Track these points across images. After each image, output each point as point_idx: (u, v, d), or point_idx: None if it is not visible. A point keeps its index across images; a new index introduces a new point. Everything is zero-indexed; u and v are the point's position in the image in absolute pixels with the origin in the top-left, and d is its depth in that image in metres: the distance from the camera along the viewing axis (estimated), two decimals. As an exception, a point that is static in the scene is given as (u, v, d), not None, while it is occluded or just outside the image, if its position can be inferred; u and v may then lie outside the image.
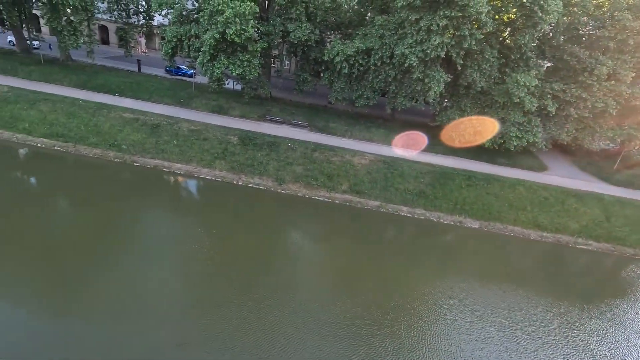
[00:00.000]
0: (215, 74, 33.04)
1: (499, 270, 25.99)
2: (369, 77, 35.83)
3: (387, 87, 36.66)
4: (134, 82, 40.84)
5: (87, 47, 40.80)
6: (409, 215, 30.51)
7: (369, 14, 39.99)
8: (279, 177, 31.77)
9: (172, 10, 35.32)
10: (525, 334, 19.89)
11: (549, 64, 37.78)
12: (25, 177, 30.07)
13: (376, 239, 27.66)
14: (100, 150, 32.26)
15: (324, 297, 20.41)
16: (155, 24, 47.80)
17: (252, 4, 30.63)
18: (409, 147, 36.00)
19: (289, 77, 49.69)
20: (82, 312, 17.26)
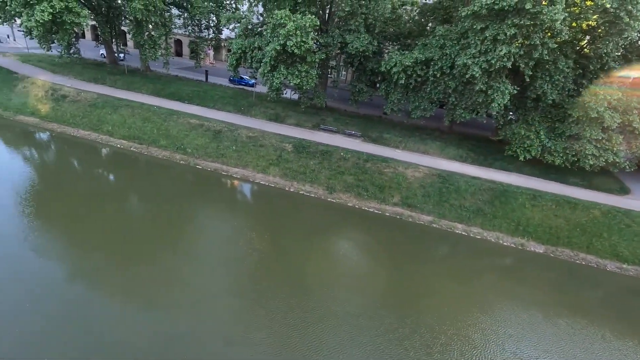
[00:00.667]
0: (274, 83, 34.47)
1: (567, 302, 23.34)
2: (427, 88, 34.89)
3: (446, 99, 35.39)
4: (201, 91, 44.09)
5: (164, 59, 45.07)
6: (464, 233, 28.83)
7: (429, 24, 39.15)
8: (329, 186, 32.01)
9: (238, 24, 37.82)
10: (596, 378, 17.62)
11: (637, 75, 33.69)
12: (105, 173, 33.78)
13: (427, 256, 26.53)
14: (168, 152, 35.19)
15: (370, 312, 19.92)
16: (223, 37, 51.34)
17: (313, 17, 31.64)
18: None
19: (345, 87, 50.19)
20: (139, 303, 18.76)
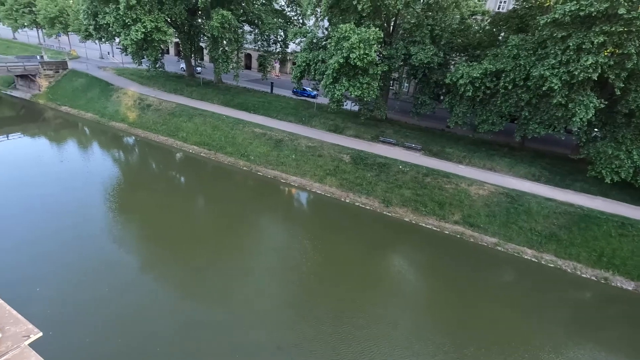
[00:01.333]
0: (335, 95, 35.02)
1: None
2: (496, 101, 32.79)
3: (518, 112, 32.88)
4: (266, 102, 46.43)
5: (234, 72, 48.42)
6: (534, 259, 26.18)
7: (502, 34, 36.96)
8: (386, 199, 31.39)
9: (304, 38, 39.34)
10: None
11: None
12: (177, 175, 36.99)
13: (491, 281, 24.51)
14: (233, 158, 37.47)
15: (425, 337, 18.93)
16: (289, 51, 53.73)
17: (377, 29, 31.74)
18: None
19: (407, 99, 49.26)
20: (197, 300, 19.97)
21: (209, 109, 44.00)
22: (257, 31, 49.46)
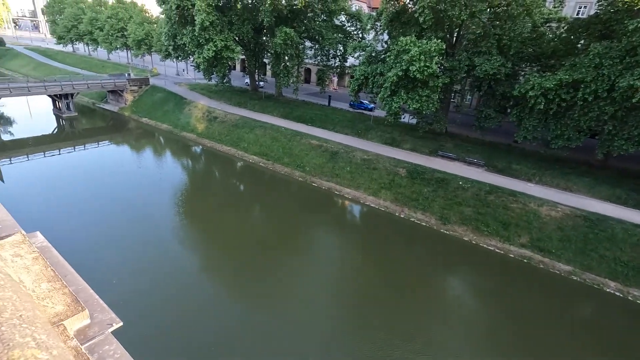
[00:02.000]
0: (392, 107, 34.60)
1: None
2: (573, 114, 29.82)
3: (600, 127, 29.54)
4: (323, 114, 47.39)
5: (294, 86, 50.32)
6: (618, 294, 22.91)
7: (581, 42, 33.75)
8: (443, 216, 29.92)
9: (363, 52, 39.68)
10: None
11: None
12: (237, 183, 39.10)
13: (565, 314, 21.91)
14: (289, 169, 38.63)
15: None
16: (347, 64, 54.54)
17: (439, 41, 30.92)
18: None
19: (469, 112, 46.98)
20: (249, 303, 20.63)
21: (269, 121, 46.09)
22: (317, 46, 51.06)
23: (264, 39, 51.57)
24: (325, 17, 50.31)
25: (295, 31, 44.17)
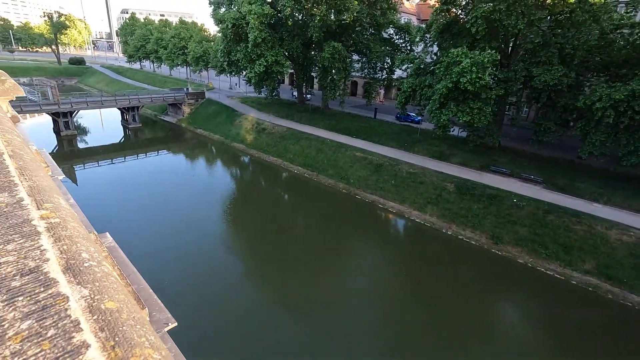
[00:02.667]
0: (441, 120, 33.55)
1: None
2: (650, 128, 26.84)
3: (684, 143, 26.24)
4: (369, 127, 47.20)
5: (340, 99, 50.85)
6: None
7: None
8: (495, 235, 28.10)
9: (411, 64, 39.14)
10: None
11: None
12: (282, 192, 40.00)
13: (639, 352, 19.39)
14: (333, 181, 38.78)
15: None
16: (394, 77, 54.11)
17: (493, 52, 29.63)
18: None
19: (525, 125, 44.18)
20: (292, 311, 20.73)
21: (314, 133, 46.85)
22: (364, 59, 51.33)
23: (312, 53, 52.94)
24: (373, 31, 50.57)
25: (343, 45, 44.85)
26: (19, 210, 1.42)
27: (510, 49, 35.83)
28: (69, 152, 48.88)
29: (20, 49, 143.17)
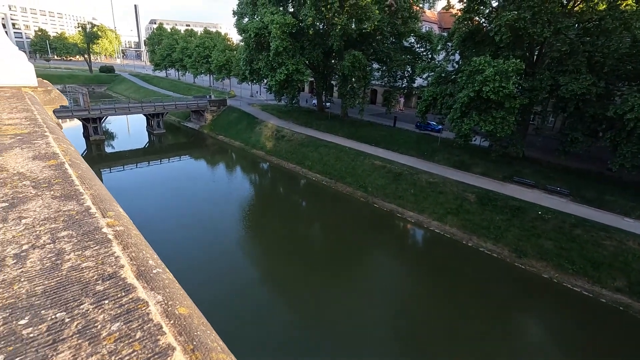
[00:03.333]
0: (463, 129, 33.06)
1: None
2: (686, 140, 25.59)
3: None
4: (388, 135, 46.98)
5: (360, 107, 50.91)
6: None
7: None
8: (518, 248, 27.26)
9: (432, 73, 38.88)
10: None
11: None
12: (299, 199, 40.21)
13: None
14: (351, 189, 38.69)
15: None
16: (415, 85, 53.82)
17: (518, 60, 29.10)
18: None
19: (551, 135, 42.92)
20: (304, 317, 20.67)
21: (333, 140, 47.01)
22: (384, 68, 51.33)
23: (333, 62, 53.38)
24: (394, 40, 50.60)
25: (363, 54, 45.05)
26: (88, 218, 1.54)
27: (535, 57, 35.12)
28: (97, 156, 50.88)
29: (55, 57, 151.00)
